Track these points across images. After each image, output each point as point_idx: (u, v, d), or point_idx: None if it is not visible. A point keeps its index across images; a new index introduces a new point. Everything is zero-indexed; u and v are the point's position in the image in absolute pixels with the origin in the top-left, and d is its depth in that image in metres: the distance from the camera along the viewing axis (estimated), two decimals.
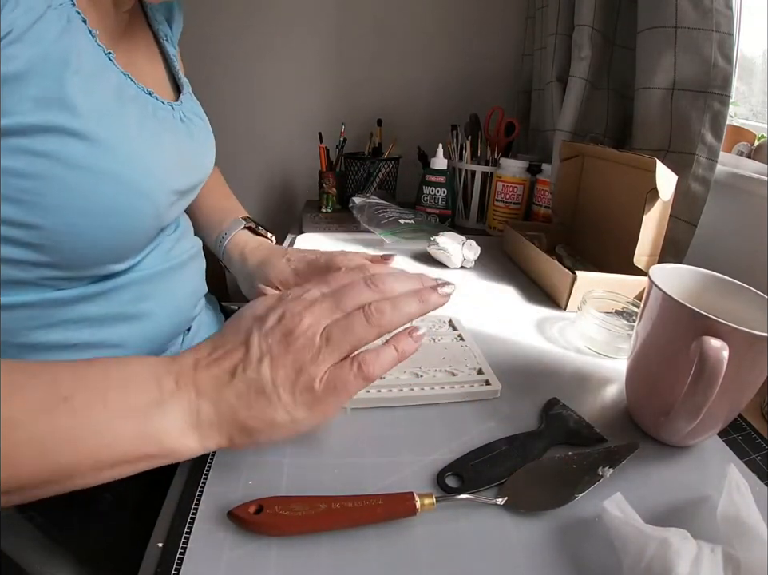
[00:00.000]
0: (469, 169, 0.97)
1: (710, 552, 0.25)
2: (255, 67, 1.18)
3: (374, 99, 1.20)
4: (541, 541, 0.29)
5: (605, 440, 0.38)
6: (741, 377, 0.33)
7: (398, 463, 0.34)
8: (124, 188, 0.37)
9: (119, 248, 0.39)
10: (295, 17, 1.13)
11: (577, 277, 0.58)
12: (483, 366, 0.45)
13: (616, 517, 0.28)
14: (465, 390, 0.41)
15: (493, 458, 0.35)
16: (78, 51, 0.34)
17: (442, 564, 0.28)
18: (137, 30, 0.47)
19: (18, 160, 0.31)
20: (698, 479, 0.35)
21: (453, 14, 1.14)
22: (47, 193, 0.32)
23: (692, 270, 0.41)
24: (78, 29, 0.35)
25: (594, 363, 0.50)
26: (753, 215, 0.63)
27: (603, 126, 0.82)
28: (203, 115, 0.53)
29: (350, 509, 0.29)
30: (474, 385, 0.42)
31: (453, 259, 0.71)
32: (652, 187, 0.56)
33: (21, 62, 0.30)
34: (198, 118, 0.51)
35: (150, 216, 0.40)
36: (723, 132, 0.63)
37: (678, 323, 0.35)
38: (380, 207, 0.90)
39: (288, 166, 1.28)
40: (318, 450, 0.35)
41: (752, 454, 0.38)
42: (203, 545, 0.28)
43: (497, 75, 1.19)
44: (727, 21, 0.60)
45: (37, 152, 0.32)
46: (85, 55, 0.35)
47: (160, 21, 0.52)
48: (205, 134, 0.52)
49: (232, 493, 0.31)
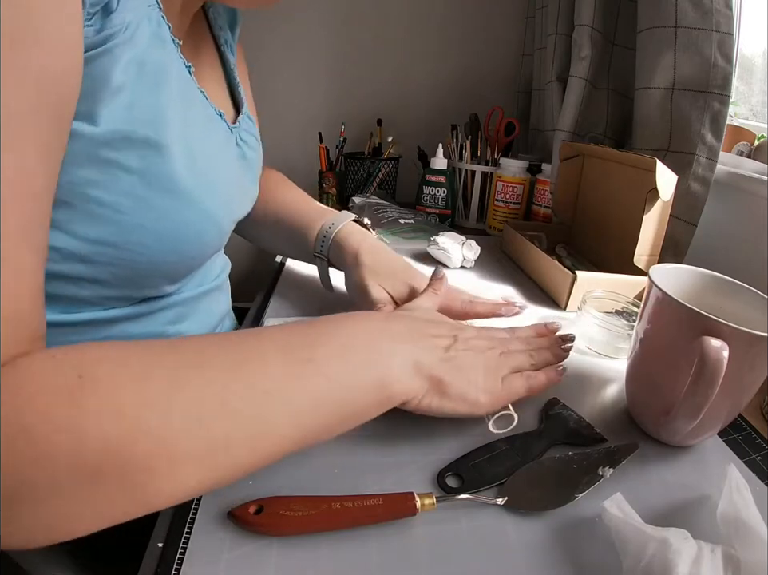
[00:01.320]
0: (468, 169, 0.97)
1: (710, 552, 0.25)
2: (254, 67, 1.17)
3: (374, 99, 1.20)
4: (541, 541, 0.29)
5: (605, 440, 0.38)
6: (741, 377, 0.33)
7: (398, 463, 0.34)
8: (201, 215, 0.36)
9: (179, 270, 0.39)
10: (296, 17, 1.13)
11: (577, 277, 0.58)
12: None
13: (616, 517, 0.28)
14: None
15: (493, 458, 0.35)
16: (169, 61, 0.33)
17: (442, 564, 0.28)
18: (201, 38, 0.44)
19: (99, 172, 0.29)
20: (698, 479, 0.35)
21: (453, 14, 1.14)
22: (126, 211, 0.31)
23: (692, 270, 0.41)
24: (166, 36, 0.33)
25: (594, 363, 0.50)
26: (753, 215, 0.63)
27: (603, 126, 0.82)
28: (257, 134, 0.50)
29: (350, 509, 0.29)
30: None
31: (453, 259, 0.71)
32: (652, 187, 0.56)
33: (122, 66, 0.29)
34: (253, 138, 0.48)
35: (215, 242, 0.40)
36: (723, 132, 0.63)
37: (678, 323, 0.35)
38: (380, 207, 0.89)
39: (288, 166, 1.27)
40: (318, 450, 0.35)
41: (752, 454, 0.38)
42: (203, 545, 0.28)
43: (497, 75, 1.19)
44: (727, 21, 0.60)
45: (120, 166, 0.30)
46: (173, 66, 0.33)
47: (222, 27, 0.48)
48: (257, 157, 0.49)
49: (232, 493, 0.31)
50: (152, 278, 0.37)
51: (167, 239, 0.34)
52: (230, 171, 0.42)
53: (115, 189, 0.30)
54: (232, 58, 0.49)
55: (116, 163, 0.30)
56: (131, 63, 0.29)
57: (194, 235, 0.36)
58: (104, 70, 0.28)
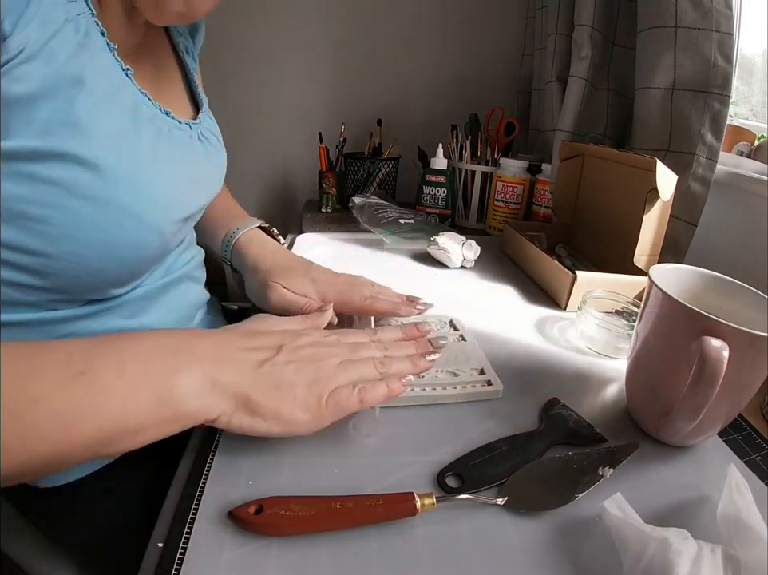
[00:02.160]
0: (468, 169, 0.97)
1: (710, 552, 0.25)
2: (255, 67, 1.17)
3: (374, 99, 1.20)
4: (541, 541, 0.29)
5: (605, 440, 0.38)
6: (741, 377, 0.33)
7: (398, 463, 0.34)
8: (130, 219, 0.36)
9: (122, 276, 0.39)
10: (296, 17, 1.13)
11: (577, 277, 0.58)
12: (485, 367, 0.45)
13: (616, 517, 0.28)
14: (467, 391, 0.41)
15: (493, 457, 0.35)
16: (94, 69, 0.33)
17: (442, 564, 0.28)
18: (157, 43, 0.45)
19: (23, 186, 0.30)
20: (698, 479, 0.35)
21: (453, 14, 1.14)
22: (54, 222, 0.32)
23: (692, 270, 0.41)
24: (96, 43, 0.34)
25: (594, 363, 0.50)
26: (753, 215, 0.63)
27: (603, 126, 0.82)
28: (218, 132, 0.52)
29: (350, 509, 0.29)
30: (476, 385, 0.42)
31: (453, 259, 0.71)
32: (652, 187, 0.56)
33: (33, 83, 0.29)
34: (214, 136, 0.50)
35: (156, 246, 0.40)
36: (723, 132, 0.63)
37: (678, 323, 0.35)
38: (380, 207, 0.89)
39: (288, 166, 1.28)
40: (318, 450, 0.35)
41: (752, 454, 0.38)
42: (203, 545, 0.28)
43: (497, 75, 1.19)
44: (727, 21, 0.60)
45: (43, 179, 0.31)
46: (101, 73, 0.34)
47: (181, 33, 0.50)
48: (219, 153, 0.51)
49: (232, 493, 0.31)
50: (95, 284, 0.37)
51: (102, 248, 0.35)
52: (176, 168, 0.41)
53: (41, 202, 0.31)
54: (193, 64, 0.51)
55: (38, 176, 0.31)
56: (46, 77, 0.30)
57: (130, 241, 0.36)
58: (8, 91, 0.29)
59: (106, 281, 0.38)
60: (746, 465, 0.37)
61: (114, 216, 0.34)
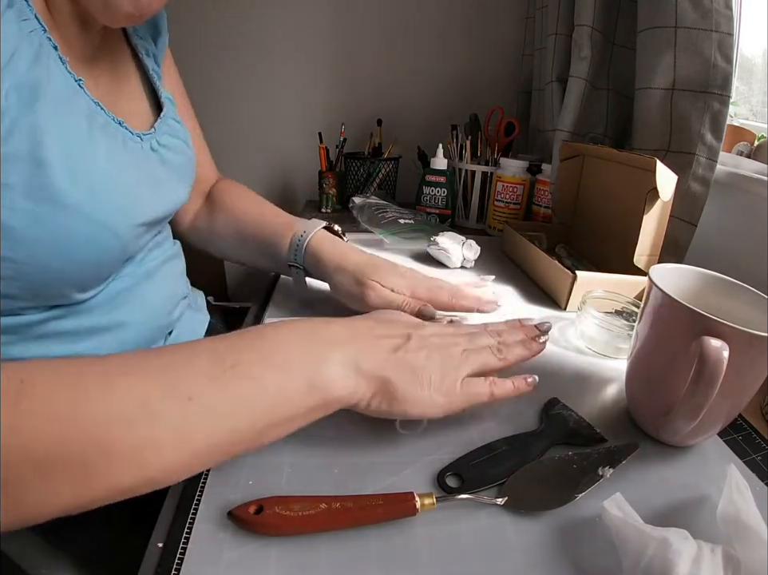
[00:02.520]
0: (468, 169, 0.97)
1: (710, 552, 0.25)
2: (255, 67, 1.18)
3: (374, 99, 1.20)
4: (541, 541, 0.29)
5: (605, 440, 0.38)
6: (741, 377, 0.33)
7: (398, 463, 0.34)
8: (87, 222, 0.36)
9: (84, 280, 0.39)
10: (296, 17, 1.13)
11: (577, 277, 0.58)
12: None
13: (616, 517, 0.28)
14: None
15: (493, 457, 0.35)
16: (48, 79, 0.34)
17: (442, 564, 0.28)
18: (113, 48, 0.45)
19: None
20: (698, 479, 0.35)
21: (453, 14, 1.14)
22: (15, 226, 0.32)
23: (692, 270, 0.41)
24: (49, 56, 0.34)
25: (594, 363, 0.50)
26: (753, 215, 0.63)
27: (603, 126, 0.82)
28: (183, 134, 0.51)
29: (350, 509, 0.29)
30: None
31: (453, 259, 0.71)
32: (652, 187, 0.56)
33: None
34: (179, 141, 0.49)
35: (115, 249, 0.40)
36: (723, 133, 0.63)
37: (678, 323, 0.35)
38: (380, 207, 0.89)
39: (288, 166, 1.28)
40: (318, 450, 0.35)
41: (752, 454, 0.38)
42: (203, 545, 0.28)
43: (497, 75, 1.19)
44: (727, 21, 0.60)
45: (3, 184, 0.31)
46: (54, 83, 0.34)
47: (141, 36, 0.49)
48: (180, 156, 0.50)
49: (232, 493, 0.31)
50: (57, 287, 0.37)
51: (61, 251, 0.35)
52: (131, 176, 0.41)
53: None
54: (155, 66, 0.50)
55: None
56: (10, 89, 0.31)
57: (86, 242, 0.36)
58: None
59: (71, 284, 0.38)
60: (746, 466, 0.37)
61: (70, 220, 0.35)
